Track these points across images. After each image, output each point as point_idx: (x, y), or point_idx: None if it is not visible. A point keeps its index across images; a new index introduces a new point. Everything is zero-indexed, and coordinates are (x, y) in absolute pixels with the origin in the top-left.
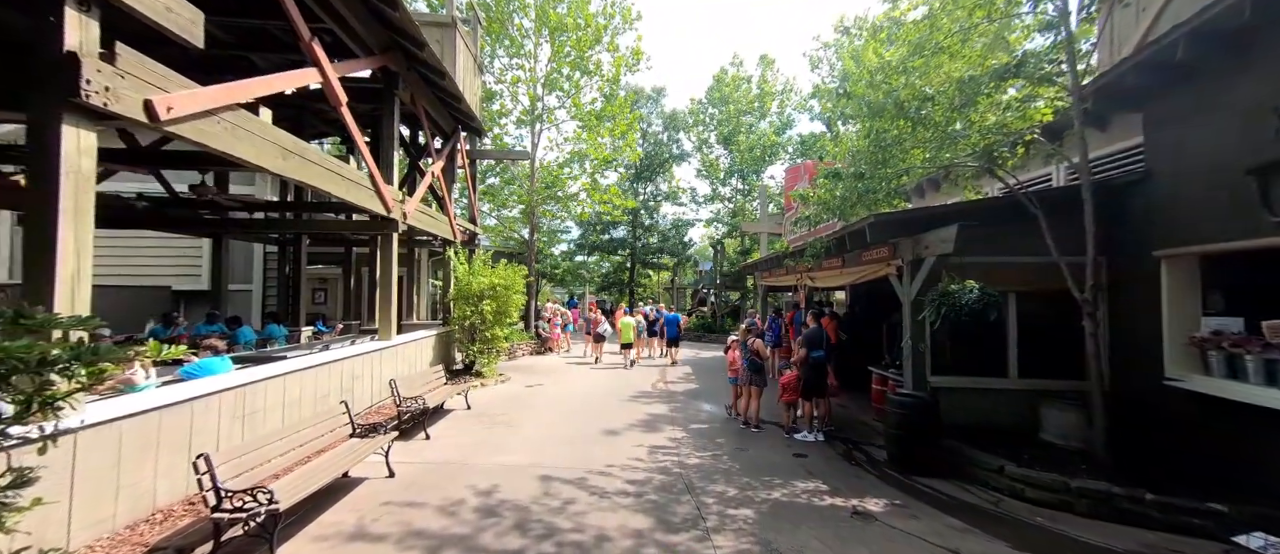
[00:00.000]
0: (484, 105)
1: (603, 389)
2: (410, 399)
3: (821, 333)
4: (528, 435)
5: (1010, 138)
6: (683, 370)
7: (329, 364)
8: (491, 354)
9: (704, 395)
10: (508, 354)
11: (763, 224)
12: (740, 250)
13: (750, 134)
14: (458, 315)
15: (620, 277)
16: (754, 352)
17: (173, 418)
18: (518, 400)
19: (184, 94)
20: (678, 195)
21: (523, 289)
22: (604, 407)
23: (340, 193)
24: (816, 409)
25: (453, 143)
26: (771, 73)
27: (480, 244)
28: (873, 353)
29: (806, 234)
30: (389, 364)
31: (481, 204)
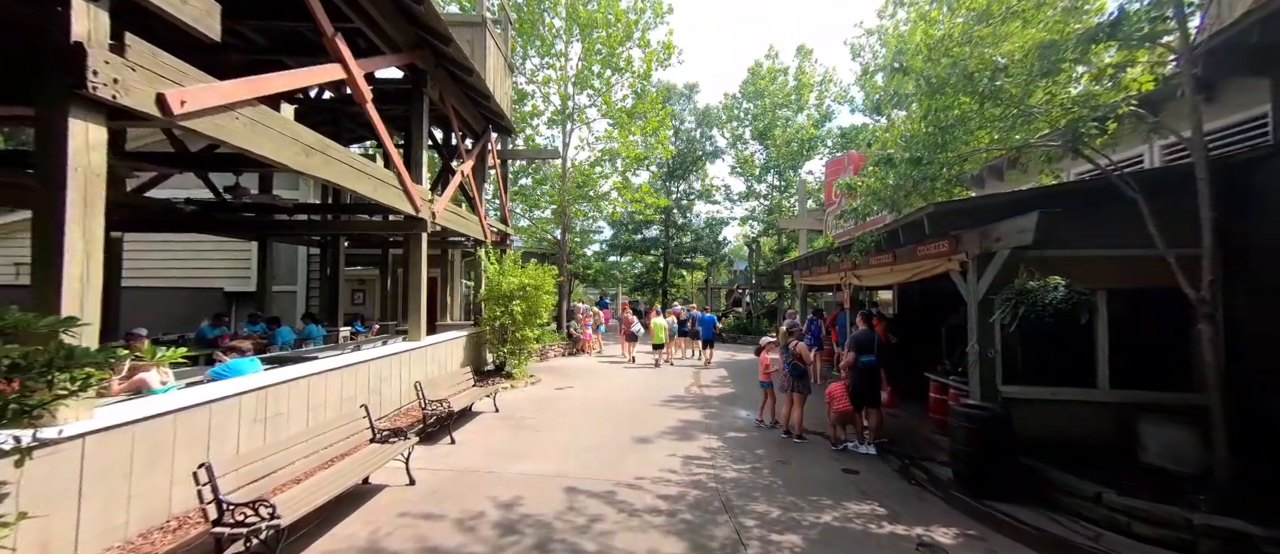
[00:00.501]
0: (516, 106)
1: (634, 392)
2: (435, 402)
3: (872, 335)
4: (555, 442)
5: (1100, 111)
6: (717, 373)
7: (355, 366)
8: (522, 355)
9: (741, 401)
10: (539, 355)
11: (801, 220)
12: (777, 249)
13: (787, 127)
14: (488, 316)
15: (653, 277)
16: (796, 356)
17: (189, 421)
18: (547, 404)
19: (199, 88)
20: (711, 193)
21: (553, 289)
22: (635, 411)
23: (367, 192)
24: (868, 419)
25: (483, 142)
26: (809, 64)
27: (512, 245)
28: (926, 357)
29: (852, 228)
30: (418, 366)
31: (514, 205)
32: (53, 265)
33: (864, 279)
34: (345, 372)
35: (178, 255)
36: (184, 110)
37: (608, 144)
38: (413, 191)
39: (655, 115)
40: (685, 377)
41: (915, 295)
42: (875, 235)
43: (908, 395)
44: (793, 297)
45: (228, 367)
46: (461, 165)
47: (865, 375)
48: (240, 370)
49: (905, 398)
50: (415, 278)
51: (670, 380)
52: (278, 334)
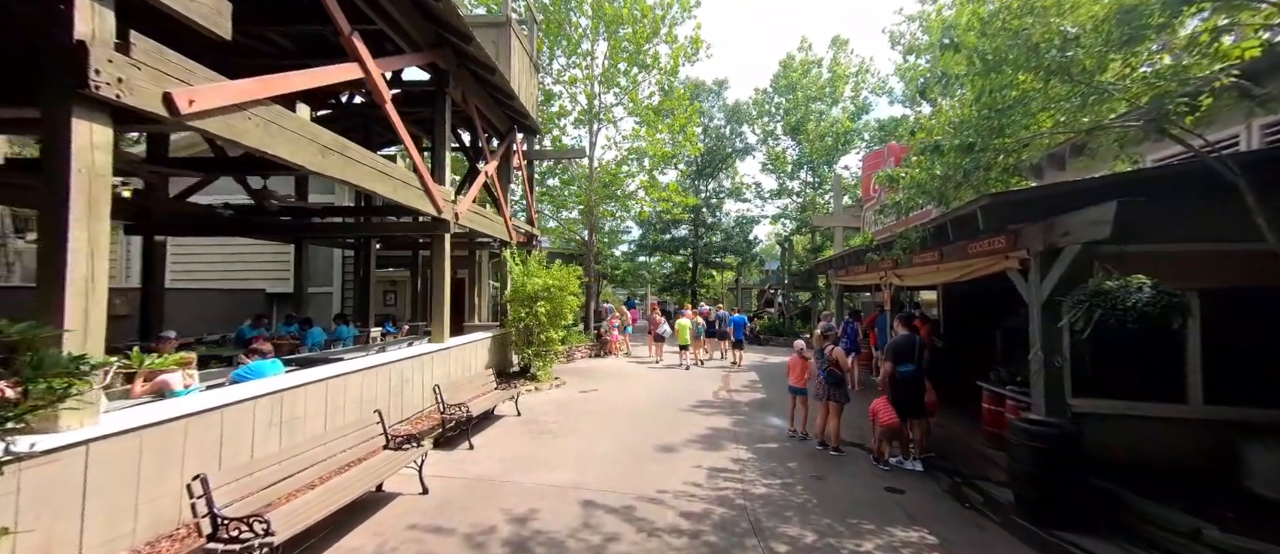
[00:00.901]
0: (542, 107)
1: (660, 396)
2: (454, 406)
3: (913, 342)
4: (575, 448)
5: (1192, 85)
6: (747, 377)
7: (376, 368)
8: (546, 357)
9: (772, 408)
10: (565, 356)
11: (837, 217)
12: (810, 247)
13: (820, 121)
14: (512, 317)
15: (682, 277)
16: (833, 362)
17: (202, 426)
18: (570, 407)
19: (208, 87)
20: (742, 191)
21: (578, 290)
22: (660, 417)
23: (387, 193)
24: (912, 431)
25: (507, 142)
26: (844, 54)
27: (540, 246)
28: (975, 362)
29: (893, 224)
30: (441, 367)
31: (541, 206)
32: (56, 267)
33: (906, 279)
34: (365, 374)
35: (223, 259)
36: (192, 110)
37: (634, 143)
38: (435, 192)
39: (682, 112)
40: (714, 380)
41: (961, 295)
42: (920, 232)
43: (952, 403)
44: (827, 297)
45: (250, 368)
46: (485, 166)
47: (906, 387)
48: (262, 372)
49: (950, 406)
50: (439, 279)
51: (698, 384)
52: (309, 335)
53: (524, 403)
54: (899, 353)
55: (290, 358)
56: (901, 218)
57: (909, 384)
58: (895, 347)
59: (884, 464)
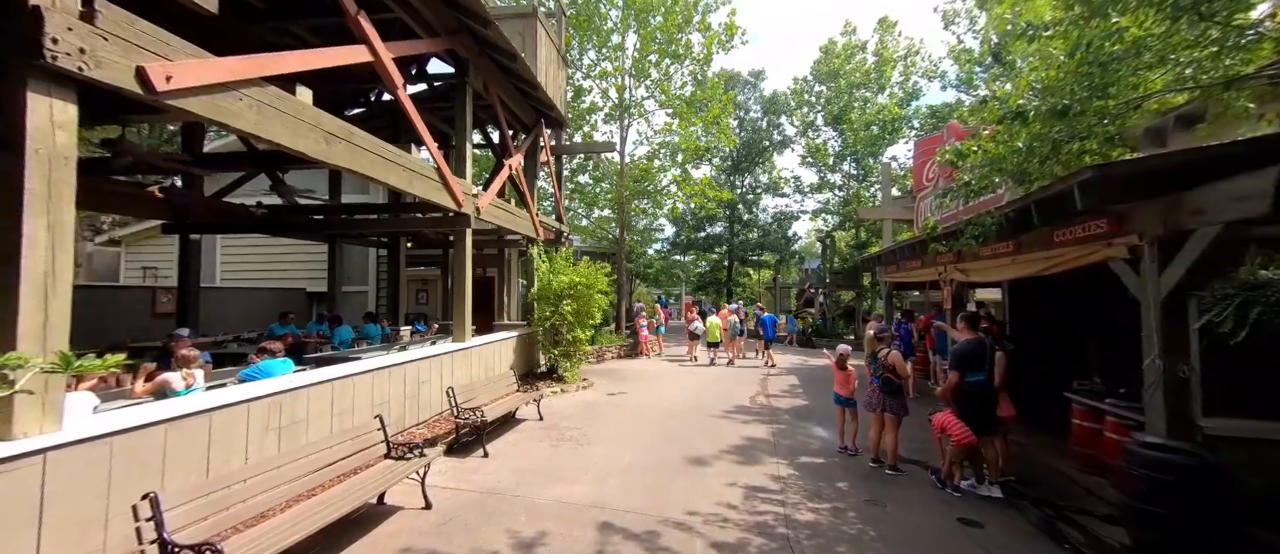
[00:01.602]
0: (573, 103)
1: (692, 401)
2: (468, 410)
3: (982, 347)
4: (597, 458)
5: None
6: (787, 381)
7: (390, 369)
8: (573, 357)
9: (816, 417)
10: (596, 357)
11: (885, 209)
12: (854, 243)
13: (865, 110)
14: (538, 316)
15: (717, 275)
16: (887, 368)
17: (185, 432)
18: (595, 411)
19: (191, 63)
20: (779, 186)
21: (606, 287)
22: (691, 424)
23: (401, 185)
24: (986, 450)
25: (533, 135)
26: (892, 38)
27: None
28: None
29: (961, 210)
30: (461, 369)
31: (574, 204)
32: (11, 260)
33: (971, 274)
34: (377, 375)
35: (269, 259)
36: (171, 87)
37: (666, 137)
38: (454, 186)
39: (716, 102)
40: (751, 383)
41: (1031, 293)
42: (995, 217)
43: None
44: (873, 296)
45: (258, 368)
46: (510, 159)
47: (975, 399)
48: (269, 372)
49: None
50: (460, 276)
51: (734, 387)
52: (336, 333)
53: (548, 406)
54: (967, 360)
55: (310, 357)
56: (965, 204)
57: (979, 396)
58: (962, 353)
59: (953, 489)
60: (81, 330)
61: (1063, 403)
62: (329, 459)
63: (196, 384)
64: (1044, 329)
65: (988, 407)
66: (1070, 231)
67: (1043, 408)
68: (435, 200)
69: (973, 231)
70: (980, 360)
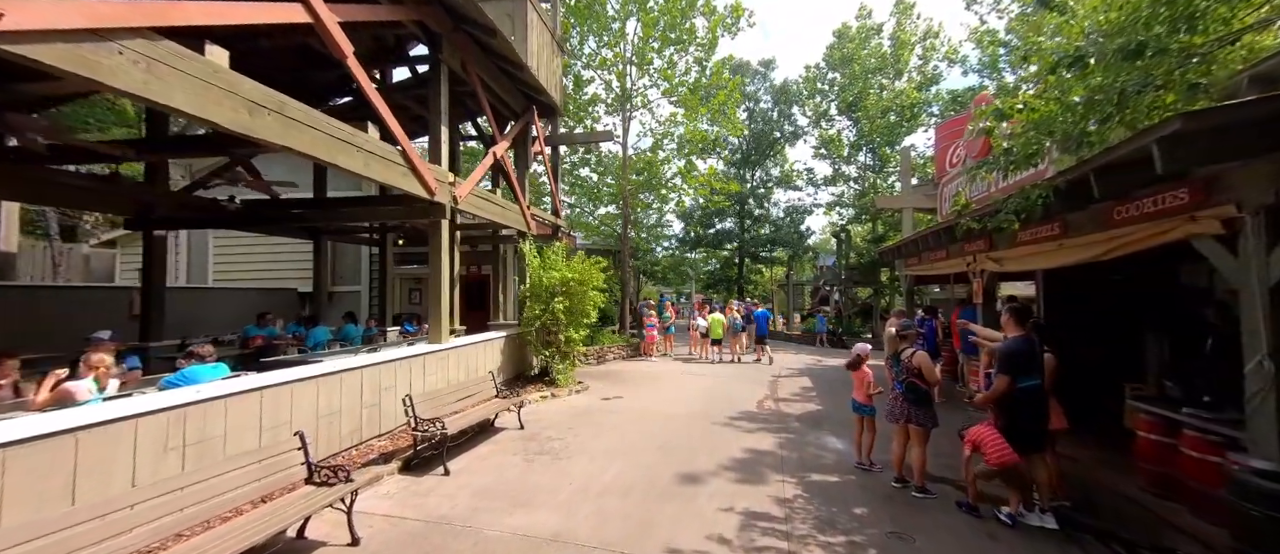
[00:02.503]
0: (574, 94)
1: (694, 406)
2: (428, 422)
3: (1032, 347)
4: (575, 477)
5: None
6: (799, 383)
7: (342, 373)
8: (567, 359)
9: (829, 424)
10: (596, 358)
11: (906, 197)
12: (871, 237)
13: (882, 96)
14: (528, 315)
15: (728, 273)
16: (913, 372)
17: (36, 454)
18: (585, 418)
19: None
20: (792, 179)
21: (602, 283)
22: (689, 433)
23: (356, 168)
24: (1034, 471)
25: (523, 122)
26: (909, 20)
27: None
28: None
29: (994, 190)
30: (436, 372)
31: (578, 201)
32: None
33: (1007, 263)
34: (326, 382)
35: (260, 258)
36: (7, 27)
37: (671, 128)
38: (424, 172)
39: (722, 90)
40: (759, 386)
41: (1070, 285)
42: (1043, 189)
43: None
44: (891, 292)
45: (181, 375)
46: (495, 146)
47: (1028, 408)
48: (195, 378)
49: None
50: (435, 271)
51: (740, 390)
52: (310, 335)
53: (535, 412)
54: (1017, 361)
55: (267, 361)
56: (1006, 180)
57: (1032, 404)
58: (1012, 353)
59: (1004, 517)
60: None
61: (1108, 409)
62: (226, 487)
63: (106, 391)
64: (1084, 327)
65: (1040, 417)
66: (1138, 205)
67: (1086, 415)
68: (402, 187)
69: (1014, 205)
70: (1033, 362)
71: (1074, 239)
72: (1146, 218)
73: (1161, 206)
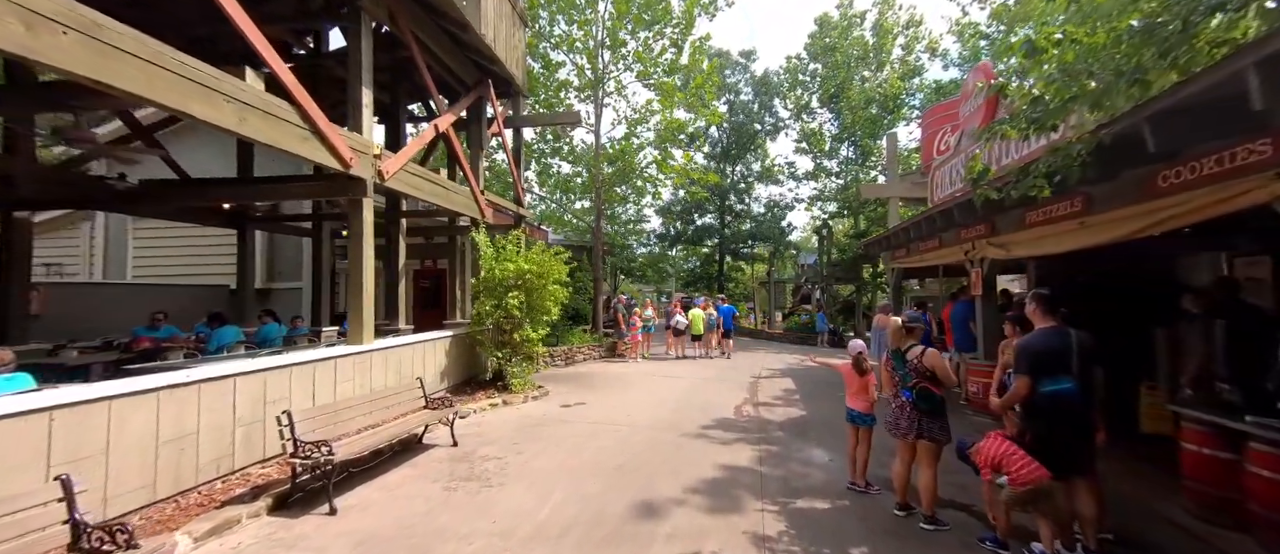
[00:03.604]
0: (544, 78)
1: (666, 412)
2: (311, 446)
3: (1067, 341)
4: (502, 512)
5: None
6: (781, 385)
7: (206, 383)
8: (523, 361)
9: (815, 433)
10: (564, 359)
11: (892, 186)
12: (853, 232)
13: (864, 86)
14: (478, 312)
15: (708, 270)
16: (925, 374)
17: None
18: (536, 431)
19: None
20: (773, 172)
21: (565, 277)
22: (657, 447)
23: (226, 122)
24: (1077, 499)
25: (475, 95)
26: (891, 11)
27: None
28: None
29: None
30: (353, 379)
31: (550, 193)
32: None
33: (1014, 248)
34: (169, 396)
35: (189, 251)
36: None
37: (646, 115)
38: (334, 137)
39: (699, 73)
40: (739, 388)
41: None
42: (1086, 145)
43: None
44: (875, 290)
45: None
46: (437, 119)
47: (1056, 419)
48: None
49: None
50: (355, 260)
51: (717, 393)
52: (216, 336)
53: (479, 423)
54: (1043, 359)
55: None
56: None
57: (1064, 414)
58: (1036, 349)
59: (1003, 549)
60: None
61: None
62: None
63: None
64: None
65: (1078, 431)
66: (1193, 167)
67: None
68: (299, 153)
69: (1046, 166)
70: (1064, 359)
71: (1100, 215)
72: (1206, 181)
73: (1232, 164)
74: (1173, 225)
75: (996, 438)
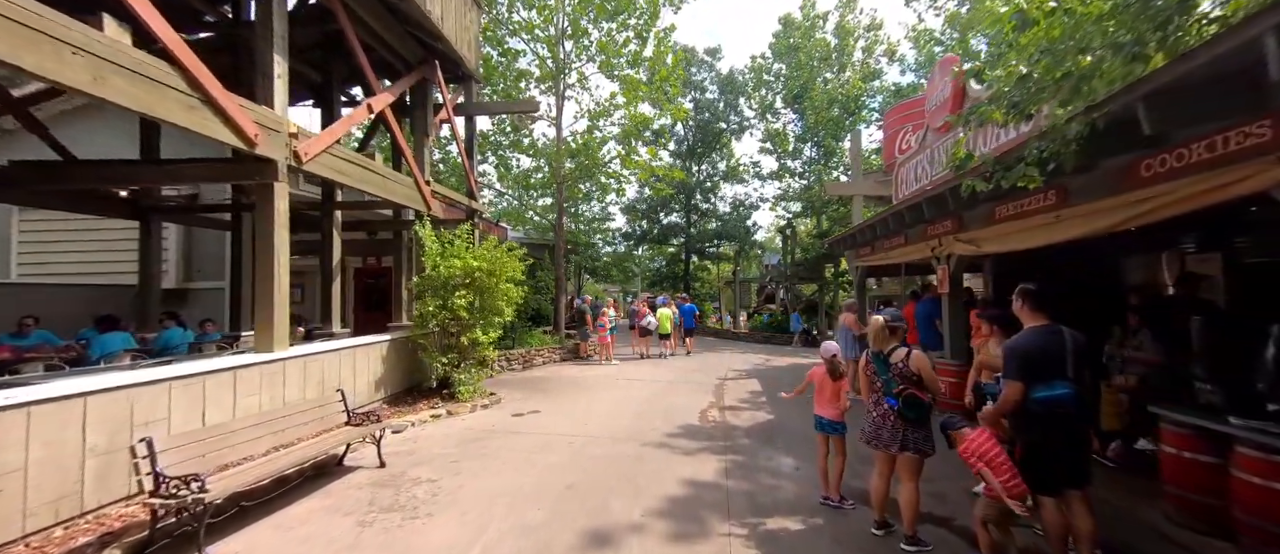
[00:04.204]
0: (503, 68)
1: (627, 420)
2: (181, 480)
3: (1061, 341)
4: (424, 552)
5: None
6: (747, 387)
7: (37, 406)
8: (472, 367)
9: (783, 438)
10: (522, 362)
11: (857, 184)
12: (816, 232)
13: (827, 87)
14: (421, 313)
15: (674, 270)
16: (911, 378)
17: None
18: (480, 445)
19: None
20: (739, 172)
21: (520, 275)
22: (615, 460)
23: (77, 83)
24: (1073, 514)
25: (418, 75)
26: (852, 14)
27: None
28: None
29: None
30: (258, 394)
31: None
32: None
33: (985, 243)
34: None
35: (87, 245)
36: None
37: (610, 108)
38: (231, 108)
39: (664, 66)
40: (704, 392)
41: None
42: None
43: None
44: (837, 288)
45: None
46: (371, 98)
47: (1057, 428)
48: None
49: None
50: (265, 255)
51: (682, 398)
52: (99, 343)
53: (416, 438)
54: (1034, 362)
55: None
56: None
57: (1061, 421)
58: (1026, 351)
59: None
60: None
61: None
62: None
63: None
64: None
65: (1074, 441)
66: (1181, 154)
67: None
68: (191, 127)
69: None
70: (1058, 362)
71: (1078, 208)
72: (1195, 169)
73: (1225, 150)
74: (1158, 217)
75: (987, 435)
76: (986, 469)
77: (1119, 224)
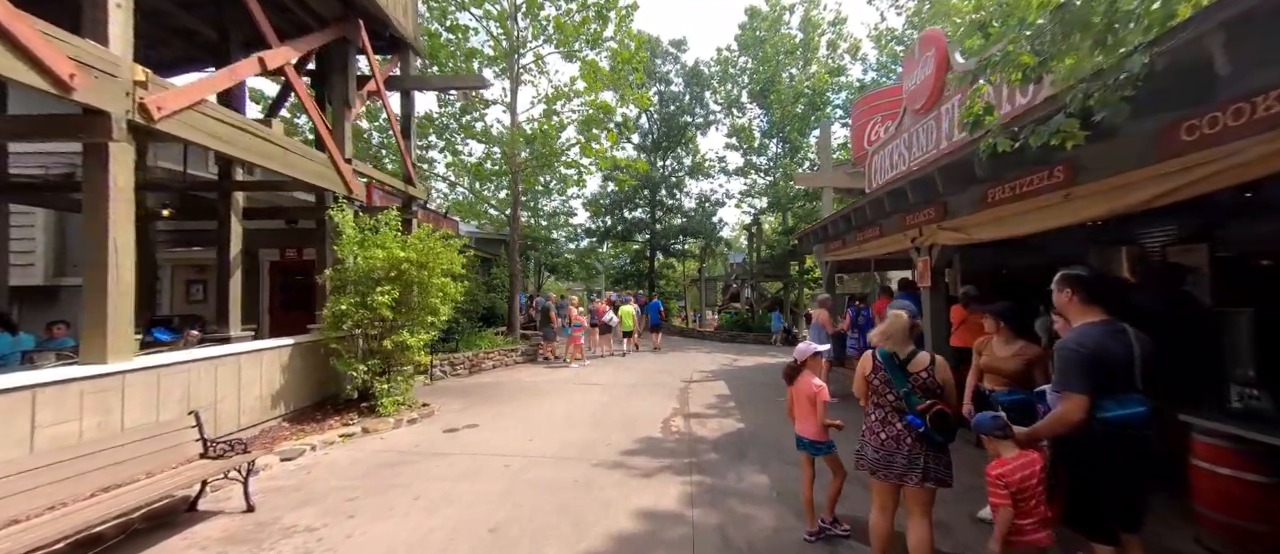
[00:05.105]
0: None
1: (576, 435)
2: None
3: (1124, 345)
4: None
5: None
6: (714, 391)
7: None
8: (399, 375)
9: (756, 451)
10: (469, 366)
11: (826, 176)
12: (782, 229)
13: (793, 83)
14: (334, 311)
15: (639, 267)
16: (933, 393)
17: None
18: (391, 476)
19: None
20: (704, 167)
21: (458, 268)
22: (554, 490)
23: None
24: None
25: (334, 33)
26: (816, 8)
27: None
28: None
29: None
30: (87, 416)
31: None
32: None
33: (974, 230)
34: None
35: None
36: None
37: (569, 92)
38: (31, 39)
39: (626, 48)
40: (668, 396)
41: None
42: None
43: None
44: (800, 286)
45: None
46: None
47: (1127, 456)
48: None
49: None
50: (97, 239)
51: (644, 403)
52: None
53: (310, 466)
54: (1102, 371)
55: None
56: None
57: (1133, 447)
58: (1089, 357)
59: None
60: None
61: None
62: None
63: None
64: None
65: (1142, 473)
66: (1240, 108)
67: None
68: None
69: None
70: (1127, 370)
71: (1094, 185)
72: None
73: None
74: (1208, 188)
75: (1036, 466)
76: (1007, 505)
77: (1152, 200)
